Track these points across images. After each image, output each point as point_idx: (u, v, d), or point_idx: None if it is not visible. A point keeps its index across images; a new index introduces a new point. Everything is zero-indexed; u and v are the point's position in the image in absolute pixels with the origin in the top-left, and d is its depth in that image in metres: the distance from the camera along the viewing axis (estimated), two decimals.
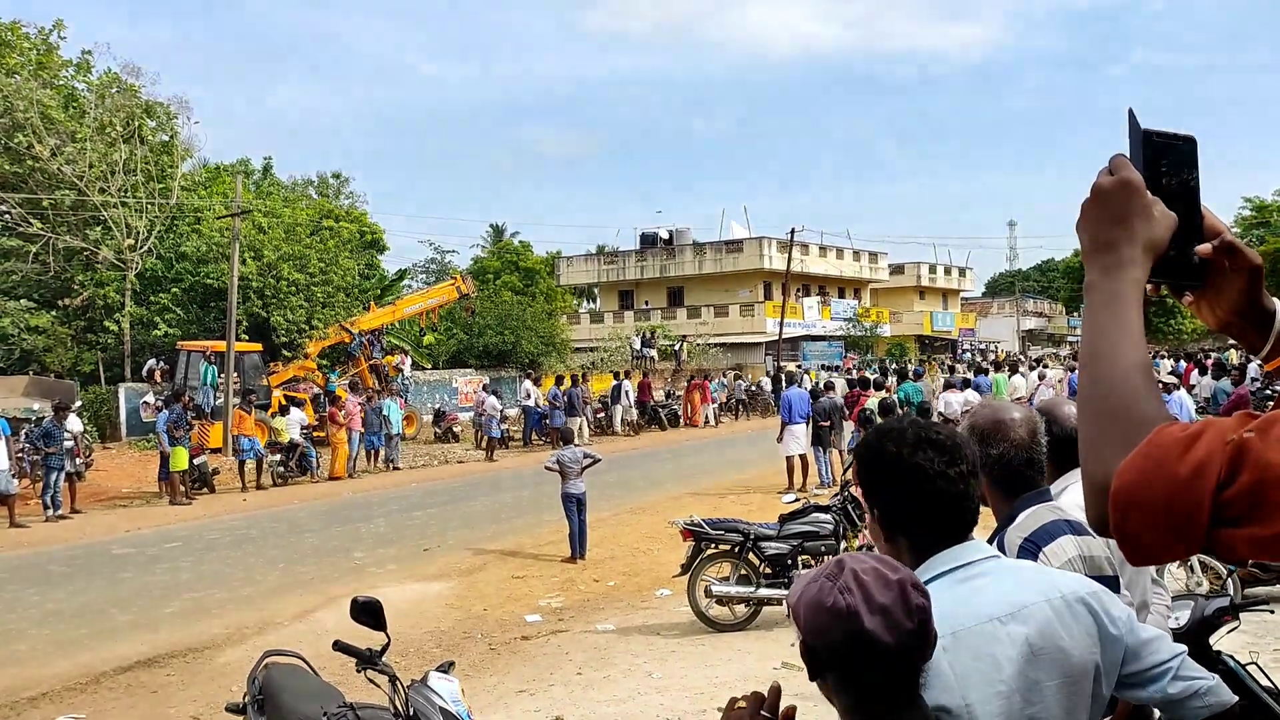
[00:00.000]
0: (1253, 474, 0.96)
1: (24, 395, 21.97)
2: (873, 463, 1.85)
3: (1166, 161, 1.18)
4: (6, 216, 28.02)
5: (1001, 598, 1.74)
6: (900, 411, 13.78)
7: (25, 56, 30.49)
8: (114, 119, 28.93)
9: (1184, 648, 1.84)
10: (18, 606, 9.99)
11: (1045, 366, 30.70)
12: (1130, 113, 1.19)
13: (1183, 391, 14.89)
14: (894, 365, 35.78)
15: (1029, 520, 2.33)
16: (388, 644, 4.06)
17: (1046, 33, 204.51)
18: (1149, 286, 1.17)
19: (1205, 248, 1.17)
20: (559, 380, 27.85)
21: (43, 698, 7.58)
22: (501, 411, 25.41)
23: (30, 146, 27.20)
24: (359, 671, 4.03)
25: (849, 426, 16.64)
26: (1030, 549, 2.24)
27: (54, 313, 28.22)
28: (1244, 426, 1.00)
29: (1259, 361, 1.24)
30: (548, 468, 12.17)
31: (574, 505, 11.80)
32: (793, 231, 44.00)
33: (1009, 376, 22.80)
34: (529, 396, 27.90)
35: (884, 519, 1.85)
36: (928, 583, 1.78)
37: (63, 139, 27.96)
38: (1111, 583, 2.34)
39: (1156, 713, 2.18)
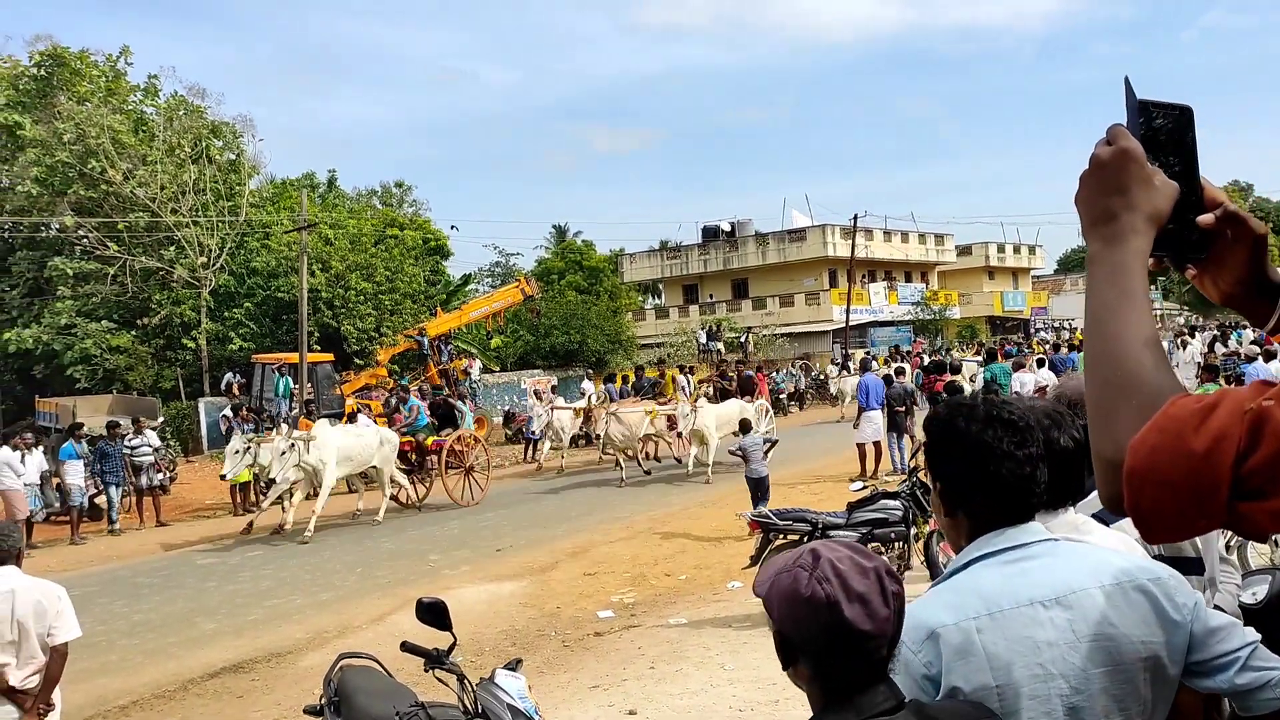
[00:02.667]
0: (1274, 444, 0.92)
1: (109, 414, 22.68)
2: (941, 437, 1.86)
3: (1165, 132, 1.15)
4: (85, 240, 28.94)
5: (1048, 581, 1.72)
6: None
7: (95, 84, 31.49)
8: (182, 140, 29.73)
9: (1257, 637, 1.77)
10: (107, 618, 10.31)
11: None
12: (1126, 81, 1.16)
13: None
14: (984, 345, 35.00)
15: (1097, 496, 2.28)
16: (454, 643, 4.12)
17: (1113, 1, 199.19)
18: (1150, 260, 1.14)
19: (1207, 218, 1.14)
20: (609, 378, 27.97)
21: (133, 705, 7.82)
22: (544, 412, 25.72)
23: (104, 171, 28.08)
24: (427, 671, 4.09)
25: (922, 412, 16.42)
26: (1102, 522, 2.20)
27: (134, 332, 29.08)
28: (1262, 395, 0.96)
29: (1264, 333, 1.20)
30: (731, 453, 13.24)
31: (757, 486, 12.44)
32: (856, 217, 43.58)
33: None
34: (584, 395, 28.04)
35: (946, 494, 1.85)
36: (973, 563, 1.76)
37: (134, 162, 28.80)
38: (1193, 564, 2.28)
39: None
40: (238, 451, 14.38)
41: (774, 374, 33.98)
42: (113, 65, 32.94)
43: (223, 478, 15.19)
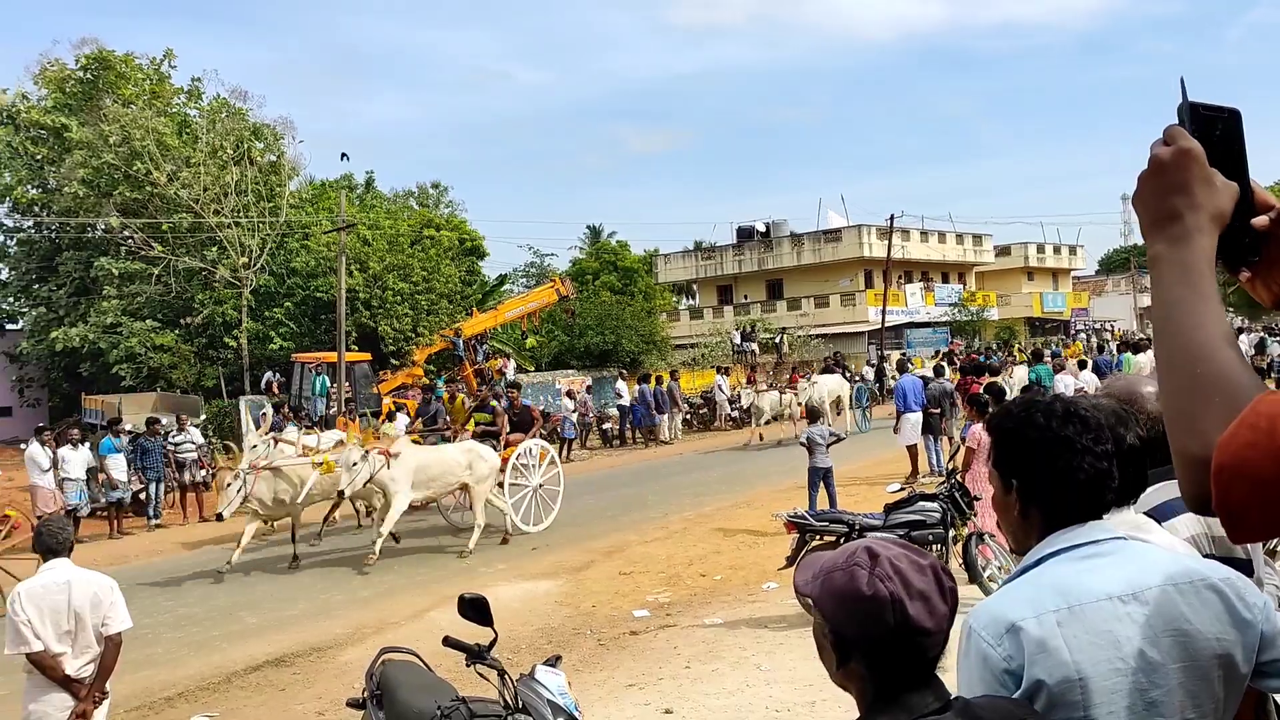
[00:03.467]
0: None
1: (153, 411, 23.05)
2: (1018, 434, 1.86)
3: (1217, 134, 1.16)
4: (130, 241, 29.42)
5: (1122, 578, 1.73)
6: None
7: (140, 87, 32.01)
8: (225, 142, 30.12)
9: None
10: (153, 611, 10.50)
11: None
12: (1181, 82, 1.17)
13: None
14: (1028, 346, 34.51)
15: (1151, 496, 2.30)
16: (495, 639, 4.18)
17: None
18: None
19: (1262, 220, 1.14)
20: (644, 379, 28.07)
21: (178, 697, 7.98)
22: (580, 412, 25.95)
23: (149, 173, 28.52)
24: (468, 666, 4.16)
25: (959, 413, 16.32)
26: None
27: (177, 331, 29.53)
28: None
29: None
30: (801, 443, 13.53)
31: (819, 477, 13.00)
32: (892, 218, 43.29)
33: (1134, 356, 22.03)
34: (620, 396, 28.22)
35: (1022, 492, 1.86)
36: (1047, 558, 1.80)
37: (178, 164, 29.22)
38: (1243, 566, 2.29)
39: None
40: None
41: (809, 375, 33.85)
42: (157, 68, 33.47)
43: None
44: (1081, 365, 19.29)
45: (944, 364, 22.62)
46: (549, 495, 14.47)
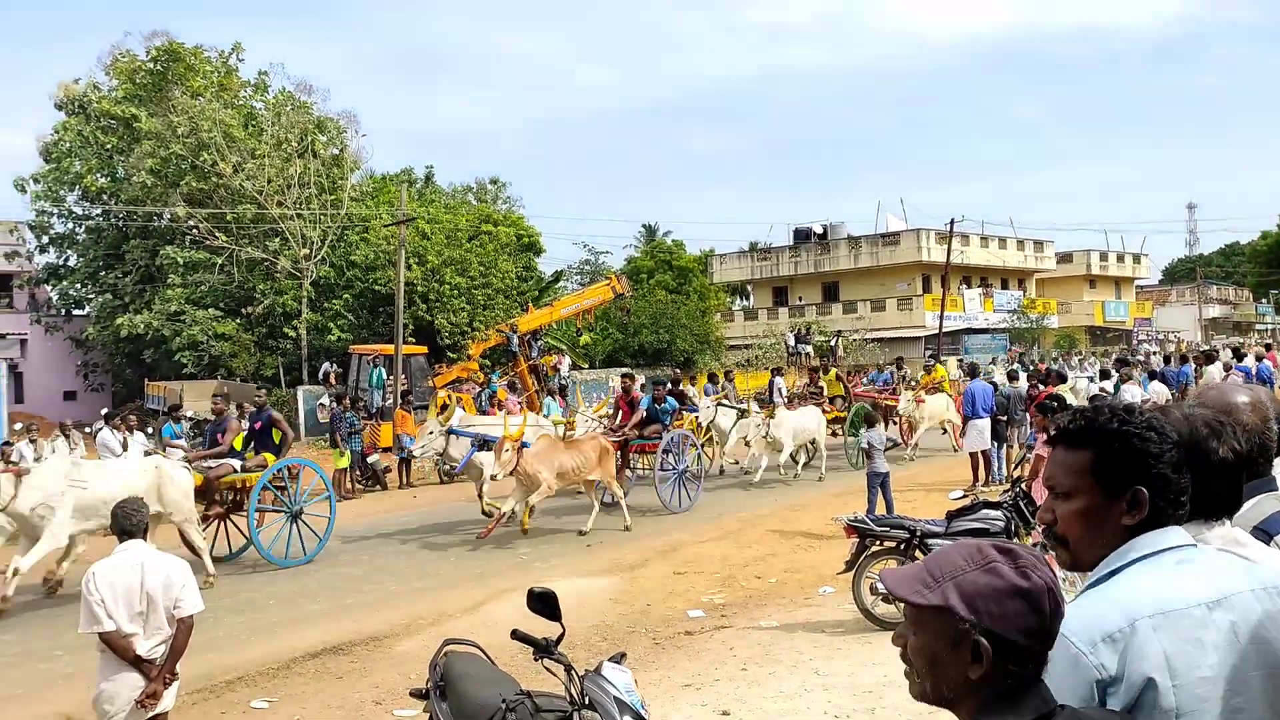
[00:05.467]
0: None
1: (213, 398, 23.43)
2: (1109, 445, 1.85)
3: None
4: (195, 231, 29.97)
5: (1209, 584, 1.73)
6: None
7: (208, 79, 32.62)
8: (289, 135, 30.59)
9: None
10: (216, 595, 10.64)
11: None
12: None
13: None
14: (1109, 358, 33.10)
15: (1256, 508, 2.24)
16: (563, 634, 4.16)
17: (1235, 2, 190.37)
18: None
19: None
20: (713, 378, 27.92)
21: (239, 681, 8.07)
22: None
23: (215, 164, 29.04)
24: (536, 660, 4.14)
25: (1027, 420, 16.03)
26: (1262, 537, 2.16)
27: (238, 320, 30.04)
28: None
29: None
30: (861, 448, 13.65)
31: (878, 481, 12.99)
32: (952, 222, 42.75)
33: (1206, 366, 21.49)
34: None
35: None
36: (1134, 563, 1.77)
37: (244, 156, 29.73)
38: None
39: None
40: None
41: (865, 379, 33.53)
42: (225, 61, 34.08)
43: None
44: (1151, 375, 18.86)
45: (1018, 369, 22.28)
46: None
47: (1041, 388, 15.23)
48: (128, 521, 5.02)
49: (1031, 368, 26.02)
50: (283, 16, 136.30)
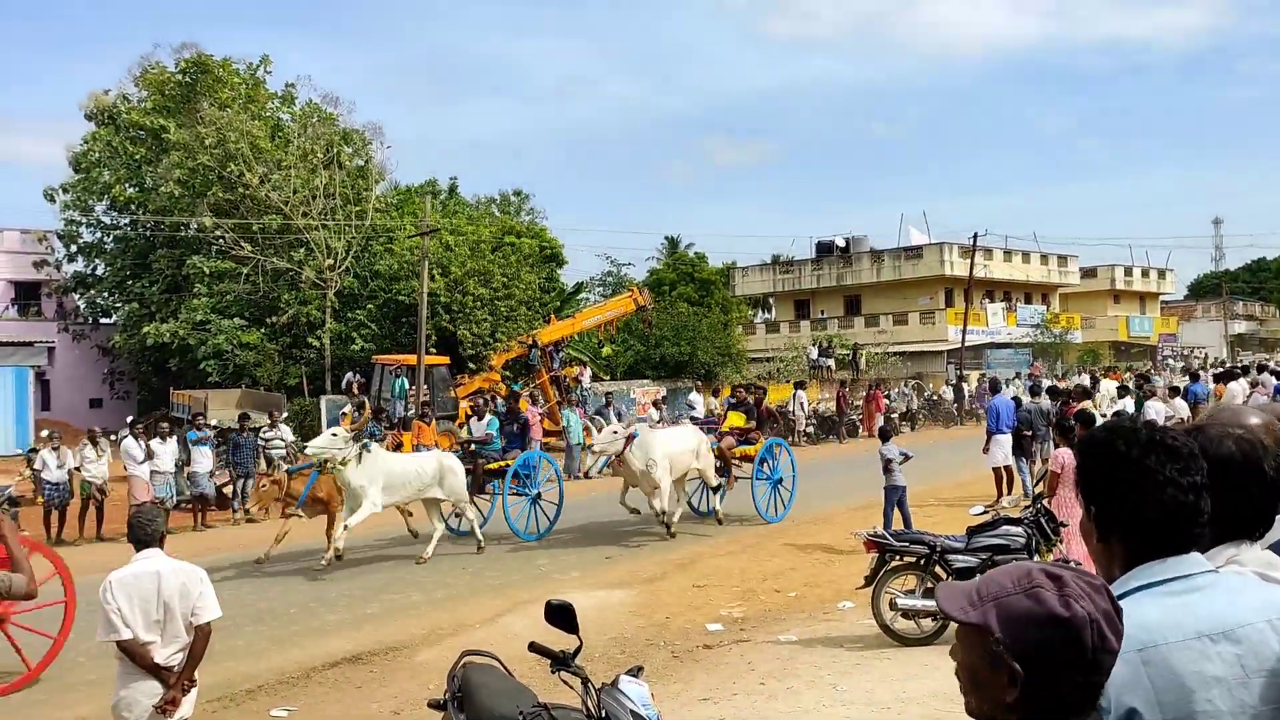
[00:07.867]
0: None
1: (237, 407, 23.63)
2: (1098, 459, 1.80)
3: None
4: (221, 240, 30.23)
5: (1214, 615, 1.66)
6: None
7: (236, 91, 32.93)
8: (315, 147, 30.83)
9: None
10: (236, 604, 10.68)
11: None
12: None
13: None
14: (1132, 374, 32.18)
15: None
16: (580, 646, 4.15)
17: (1266, 16, 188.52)
18: None
19: None
20: (715, 392, 27.95)
21: (258, 690, 8.10)
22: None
23: (241, 175, 29.29)
24: (553, 672, 4.14)
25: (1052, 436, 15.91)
26: None
27: (263, 330, 30.24)
28: None
29: None
30: (884, 457, 13.47)
31: (895, 496, 13.00)
32: (975, 236, 42.60)
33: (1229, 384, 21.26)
34: (693, 407, 28.06)
35: (1100, 519, 1.80)
36: (1133, 592, 1.72)
37: (270, 167, 29.98)
38: None
39: None
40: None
41: (888, 393, 33.44)
42: (253, 73, 34.42)
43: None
44: (1174, 392, 18.69)
45: (1042, 383, 22.03)
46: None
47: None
48: (144, 531, 5.05)
49: (1051, 383, 25.77)
50: (311, 27, 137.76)
